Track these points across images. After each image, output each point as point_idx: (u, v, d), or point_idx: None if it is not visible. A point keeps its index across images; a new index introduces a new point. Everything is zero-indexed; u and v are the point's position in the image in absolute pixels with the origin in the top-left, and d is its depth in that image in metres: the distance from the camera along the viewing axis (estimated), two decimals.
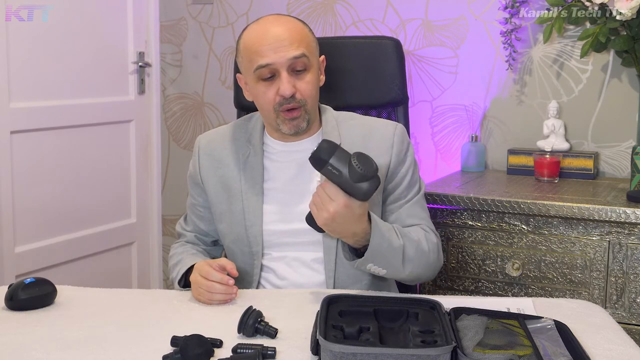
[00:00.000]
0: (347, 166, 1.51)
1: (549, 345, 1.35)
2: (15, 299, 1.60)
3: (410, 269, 1.70)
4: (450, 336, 1.30)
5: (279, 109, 1.75)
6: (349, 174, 1.51)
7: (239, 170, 1.85)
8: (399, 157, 1.82)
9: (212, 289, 1.64)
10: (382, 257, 1.64)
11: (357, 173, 1.51)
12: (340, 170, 1.52)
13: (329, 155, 1.51)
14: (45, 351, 1.38)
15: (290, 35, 1.74)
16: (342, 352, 1.24)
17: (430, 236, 1.78)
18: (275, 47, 1.72)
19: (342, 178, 1.52)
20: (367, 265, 1.64)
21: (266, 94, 1.76)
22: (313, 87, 1.77)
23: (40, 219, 2.96)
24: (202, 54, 3.40)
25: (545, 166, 2.57)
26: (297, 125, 1.77)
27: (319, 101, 1.89)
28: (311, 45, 1.78)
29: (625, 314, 2.21)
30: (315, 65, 1.79)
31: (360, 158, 1.52)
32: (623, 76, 2.65)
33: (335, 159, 1.51)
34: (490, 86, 2.85)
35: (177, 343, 1.36)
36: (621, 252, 2.20)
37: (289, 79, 1.73)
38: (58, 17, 2.94)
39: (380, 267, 1.66)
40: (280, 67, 1.73)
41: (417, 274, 1.74)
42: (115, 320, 1.55)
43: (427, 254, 1.74)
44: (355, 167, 1.51)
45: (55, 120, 2.97)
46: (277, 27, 1.75)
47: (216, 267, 1.66)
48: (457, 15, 2.88)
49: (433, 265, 1.78)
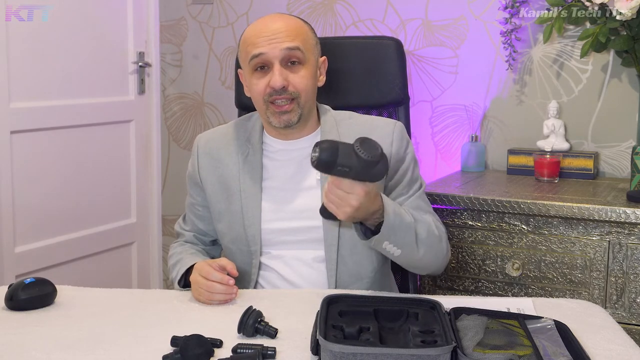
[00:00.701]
0: (355, 158, 1.48)
1: (549, 345, 1.35)
2: (15, 299, 1.60)
3: (423, 250, 1.69)
4: (450, 336, 1.31)
5: (268, 100, 1.77)
6: (359, 166, 1.48)
7: (237, 169, 1.85)
8: (398, 154, 1.83)
9: (212, 289, 1.64)
10: (395, 234, 1.62)
11: (366, 161, 1.48)
12: (349, 165, 1.49)
13: (334, 155, 1.48)
14: (45, 351, 1.38)
15: (287, 29, 1.76)
16: (342, 352, 1.24)
17: (439, 224, 1.79)
18: (270, 39, 1.75)
19: (353, 171, 1.50)
20: (382, 244, 1.63)
21: (258, 85, 1.78)
22: (308, 81, 1.78)
23: (41, 219, 2.96)
24: (202, 54, 3.41)
25: (545, 166, 2.57)
26: (288, 119, 1.78)
27: (318, 101, 1.89)
28: (308, 42, 1.79)
29: (625, 314, 2.21)
30: (312, 62, 1.80)
31: (364, 145, 1.48)
32: (623, 76, 2.65)
33: (342, 157, 1.48)
34: (490, 86, 2.85)
35: (177, 343, 1.36)
36: (621, 252, 2.20)
37: (281, 71, 1.74)
38: (58, 17, 2.95)
39: (395, 246, 1.64)
40: (273, 58, 1.75)
41: (429, 260, 1.74)
42: (116, 320, 1.56)
43: (439, 238, 1.75)
44: (363, 157, 1.47)
45: (55, 120, 2.98)
46: (275, 23, 1.78)
47: (216, 267, 1.66)
48: (457, 15, 2.88)
49: (442, 254, 1.77)
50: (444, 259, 1.79)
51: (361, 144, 1.48)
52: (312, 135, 1.86)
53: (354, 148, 1.48)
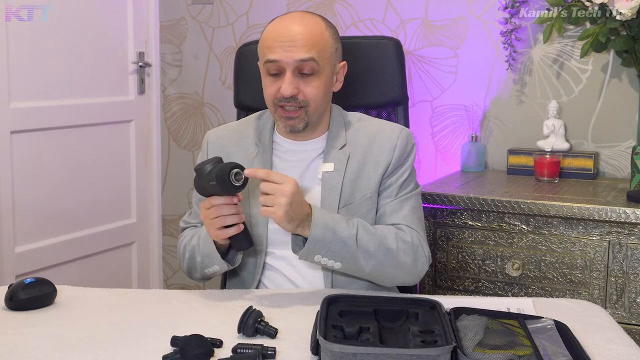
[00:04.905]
0: (216, 178, 1.61)
1: (549, 345, 1.35)
2: (15, 299, 1.60)
3: (372, 265, 1.68)
4: (450, 336, 1.31)
5: (277, 104, 1.78)
6: (217, 181, 1.61)
7: (247, 167, 1.84)
8: (400, 159, 1.82)
9: (221, 212, 1.63)
10: (328, 247, 1.64)
11: (212, 172, 1.63)
12: (214, 182, 1.62)
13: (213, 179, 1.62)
14: (45, 351, 1.38)
15: (304, 37, 1.74)
16: (342, 352, 1.24)
17: (403, 235, 1.74)
18: (286, 46, 1.74)
19: (216, 186, 1.62)
20: (314, 257, 1.65)
21: (269, 88, 1.78)
22: (318, 91, 1.77)
23: (40, 219, 2.97)
24: (202, 54, 3.41)
25: (545, 166, 2.57)
26: (293, 125, 1.79)
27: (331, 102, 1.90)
28: (325, 50, 1.78)
29: (625, 314, 2.22)
30: (327, 71, 1.79)
31: (204, 168, 1.65)
32: (623, 76, 2.66)
33: (215, 182, 1.62)
34: (490, 86, 2.86)
35: (177, 343, 1.36)
36: (621, 252, 2.20)
37: (292, 80, 1.74)
38: (58, 18, 2.95)
39: (331, 259, 1.66)
40: (286, 66, 1.74)
41: (386, 273, 1.72)
42: (115, 320, 1.56)
43: (395, 252, 1.70)
44: (210, 171, 1.63)
45: (55, 120, 2.99)
46: (296, 26, 1.76)
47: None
48: (457, 15, 2.89)
49: (407, 267, 1.73)
50: (409, 272, 1.74)
51: (201, 171, 1.66)
52: (322, 138, 1.86)
53: (208, 174, 1.64)
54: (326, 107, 1.85)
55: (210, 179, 1.62)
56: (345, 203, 1.80)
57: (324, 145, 1.86)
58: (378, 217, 1.81)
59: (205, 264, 1.77)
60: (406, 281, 1.78)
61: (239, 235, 1.67)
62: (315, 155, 1.85)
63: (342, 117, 1.90)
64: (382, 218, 1.81)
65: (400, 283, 1.79)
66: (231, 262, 1.76)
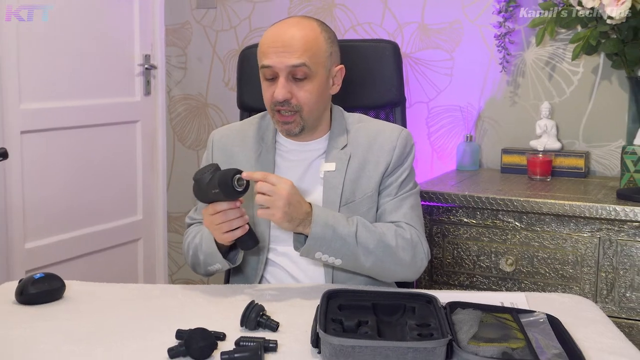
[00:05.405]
0: (219, 185, 1.62)
1: (541, 338, 1.37)
2: (25, 294, 1.61)
3: (372, 261, 1.71)
4: (446, 329, 1.32)
5: (274, 108, 1.80)
6: (220, 189, 1.62)
7: (250, 166, 1.85)
8: (400, 159, 1.84)
9: (227, 217, 1.65)
10: (328, 245, 1.66)
11: (213, 180, 1.63)
12: (217, 189, 1.63)
13: (215, 185, 1.63)
14: (54, 344, 1.40)
15: (297, 43, 1.74)
16: (342, 344, 1.26)
17: (403, 232, 1.75)
18: (280, 51, 1.74)
19: (219, 193, 1.63)
20: (315, 254, 1.67)
21: (266, 92, 1.80)
22: (312, 95, 1.78)
23: (50, 216, 2.97)
24: (205, 57, 3.41)
25: (538, 165, 2.57)
26: (289, 129, 1.81)
27: (332, 103, 1.91)
28: (318, 55, 1.78)
29: (615, 308, 2.22)
30: (320, 75, 1.79)
31: (204, 177, 1.66)
32: (613, 78, 2.66)
33: (218, 186, 1.62)
34: (484, 88, 2.86)
35: (182, 336, 1.37)
36: (611, 248, 2.21)
37: (285, 85, 1.75)
38: (68, 22, 2.96)
39: (331, 256, 1.68)
40: (279, 71, 1.76)
41: (386, 269, 1.74)
42: (122, 314, 1.57)
43: (394, 248, 1.72)
44: (211, 180, 1.63)
45: (64, 121, 2.99)
46: (290, 32, 1.76)
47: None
48: (452, 19, 2.88)
49: (407, 263, 1.75)
50: (409, 268, 1.76)
51: (199, 180, 1.66)
52: (324, 138, 1.88)
53: (207, 181, 1.64)
54: (322, 110, 1.86)
55: (213, 187, 1.62)
56: (346, 202, 1.82)
57: (325, 145, 1.87)
58: (378, 215, 1.83)
59: (208, 262, 1.79)
60: (405, 277, 1.80)
61: (245, 236, 1.69)
62: (317, 155, 1.87)
63: (344, 118, 1.91)
64: (382, 216, 1.82)
65: (399, 279, 1.81)
66: (232, 260, 1.78)
